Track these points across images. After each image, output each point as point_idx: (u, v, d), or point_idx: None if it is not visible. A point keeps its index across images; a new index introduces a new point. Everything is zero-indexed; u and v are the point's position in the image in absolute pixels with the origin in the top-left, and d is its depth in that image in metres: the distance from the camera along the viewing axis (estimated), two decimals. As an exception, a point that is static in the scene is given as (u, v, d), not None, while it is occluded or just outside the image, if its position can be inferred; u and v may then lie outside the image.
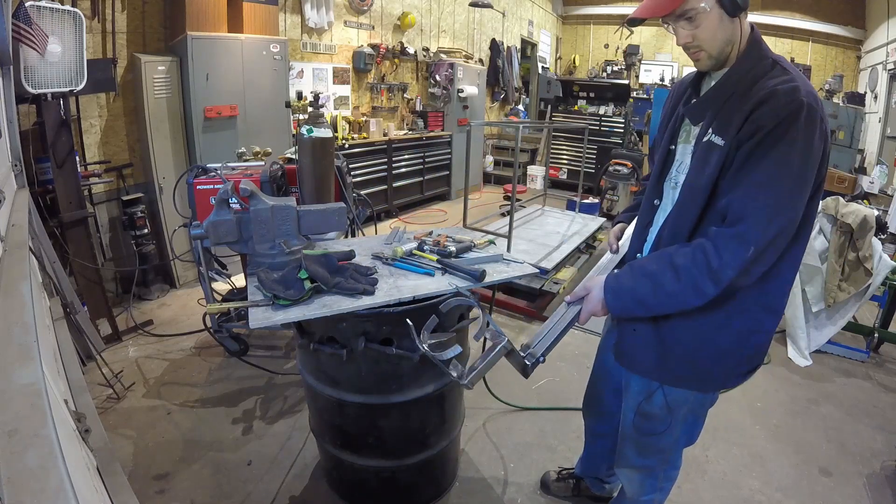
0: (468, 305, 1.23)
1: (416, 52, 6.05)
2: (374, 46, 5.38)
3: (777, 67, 1.02)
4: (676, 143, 1.20)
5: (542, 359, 1.15)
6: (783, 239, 1.00)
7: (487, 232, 3.48)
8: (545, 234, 4.03)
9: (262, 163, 2.69)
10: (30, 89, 2.28)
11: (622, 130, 7.21)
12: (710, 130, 1.05)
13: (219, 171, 2.24)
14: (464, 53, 6.81)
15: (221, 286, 2.82)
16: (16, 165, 2.15)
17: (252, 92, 3.68)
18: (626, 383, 1.33)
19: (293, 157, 2.59)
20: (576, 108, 8.00)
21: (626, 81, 8.24)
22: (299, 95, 3.16)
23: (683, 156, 1.17)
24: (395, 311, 1.38)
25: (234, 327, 2.51)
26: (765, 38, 1.07)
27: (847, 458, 2.15)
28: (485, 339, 1.16)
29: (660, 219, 1.23)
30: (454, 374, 1.07)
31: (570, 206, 5.29)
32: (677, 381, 1.21)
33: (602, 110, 7.65)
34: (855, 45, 7.75)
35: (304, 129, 2.23)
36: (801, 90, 0.96)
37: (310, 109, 2.28)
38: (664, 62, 9.22)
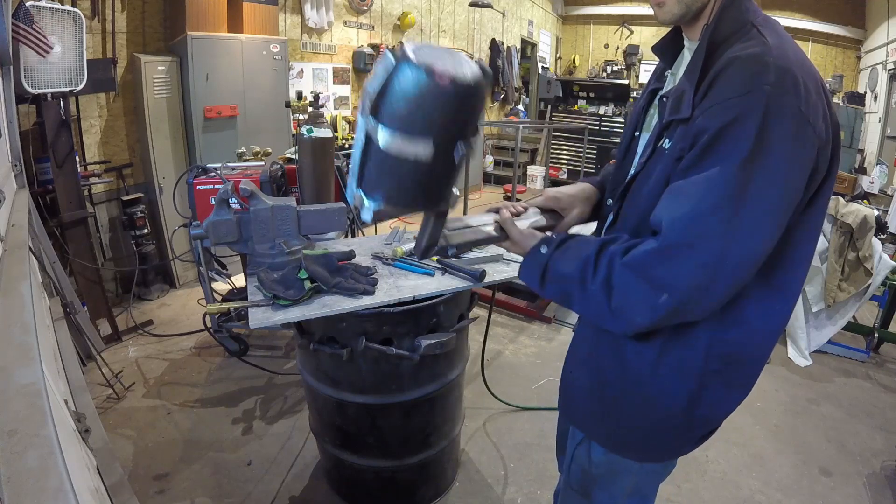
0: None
1: (416, 52, 6.04)
2: (374, 46, 5.38)
3: (752, 31, 0.74)
4: (641, 130, 0.94)
5: (451, 251, 0.92)
6: (728, 285, 0.72)
7: (487, 232, 3.47)
8: (545, 234, 4.02)
9: (262, 163, 2.69)
10: (30, 89, 2.28)
11: (622, 130, 7.21)
12: (663, 133, 0.80)
13: (219, 171, 2.24)
14: (464, 53, 6.81)
15: (221, 286, 2.82)
16: (16, 165, 2.15)
17: (252, 92, 3.68)
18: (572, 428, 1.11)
19: (293, 157, 2.60)
20: (576, 108, 8.00)
21: (626, 81, 8.24)
22: (299, 95, 3.17)
23: (641, 148, 0.92)
24: (395, 311, 1.38)
25: (234, 327, 2.51)
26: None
27: (847, 458, 2.15)
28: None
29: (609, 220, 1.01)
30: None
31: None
32: (607, 441, 0.98)
33: (602, 110, 7.66)
34: (855, 45, 7.76)
35: (304, 129, 2.23)
36: (771, 63, 0.67)
37: (310, 109, 2.28)
38: (664, 62, 9.22)
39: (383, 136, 0.67)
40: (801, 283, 0.83)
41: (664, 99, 0.81)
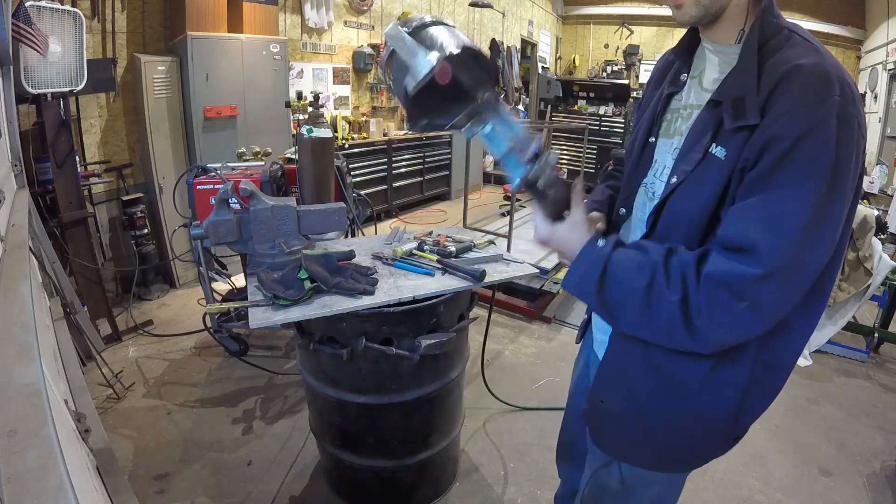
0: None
1: (416, 52, 6.05)
2: (374, 46, 5.38)
3: (794, 37, 0.74)
4: (657, 136, 0.90)
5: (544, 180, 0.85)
6: (799, 296, 0.73)
7: (487, 232, 3.48)
8: (545, 234, 4.01)
9: (262, 163, 2.69)
10: (30, 89, 2.28)
11: (622, 130, 7.22)
12: (714, 139, 0.75)
13: (219, 171, 2.24)
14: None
15: (221, 286, 2.82)
16: (16, 165, 2.15)
17: (252, 92, 3.68)
18: (591, 444, 1.07)
19: (293, 157, 2.60)
20: (576, 108, 8.00)
21: (626, 81, 8.25)
22: (299, 95, 3.17)
23: (664, 155, 0.88)
24: (395, 311, 1.38)
25: (234, 327, 2.51)
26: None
27: (847, 458, 2.15)
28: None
29: (627, 237, 0.96)
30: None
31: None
32: (645, 462, 0.96)
33: (602, 110, 7.66)
34: (855, 45, 7.75)
35: (304, 129, 2.23)
36: (832, 73, 0.67)
37: (310, 109, 2.28)
38: (664, 62, 9.22)
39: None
40: (833, 283, 0.84)
41: (714, 103, 0.77)
